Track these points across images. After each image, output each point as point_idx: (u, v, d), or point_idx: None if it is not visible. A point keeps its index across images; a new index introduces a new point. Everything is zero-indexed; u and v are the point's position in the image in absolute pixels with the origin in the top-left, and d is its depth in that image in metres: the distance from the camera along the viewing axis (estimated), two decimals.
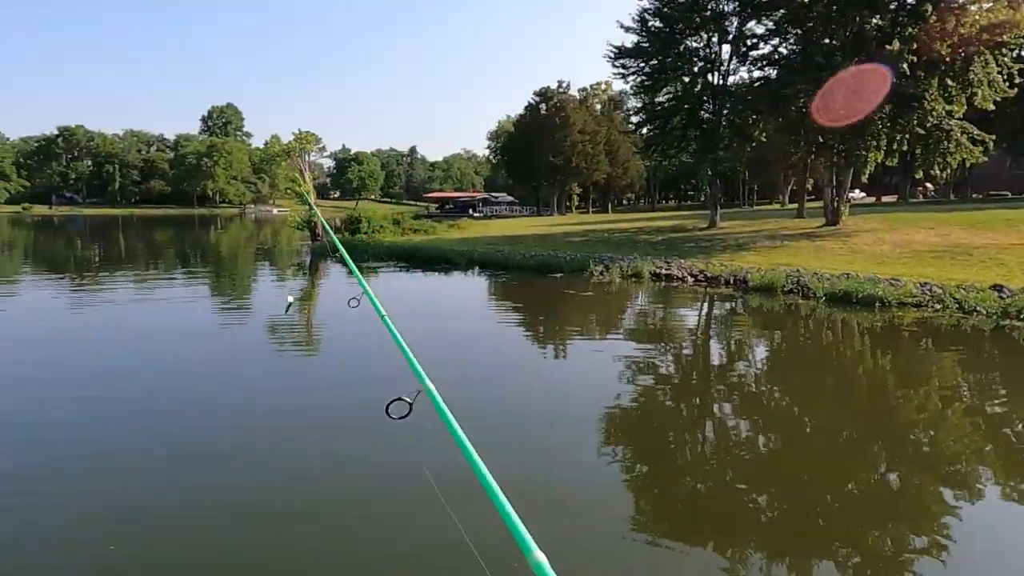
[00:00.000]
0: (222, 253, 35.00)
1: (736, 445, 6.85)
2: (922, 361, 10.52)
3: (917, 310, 13.36)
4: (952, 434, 7.07)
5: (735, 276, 17.61)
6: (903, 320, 12.79)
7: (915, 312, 13.25)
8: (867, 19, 22.71)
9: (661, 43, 28.82)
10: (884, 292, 14.07)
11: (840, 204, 26.03)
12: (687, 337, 12.65)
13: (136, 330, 12.44)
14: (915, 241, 21.00)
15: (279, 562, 4.44)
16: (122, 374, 9.15)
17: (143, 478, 5.71)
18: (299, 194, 33.51)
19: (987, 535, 4.99)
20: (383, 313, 2.43)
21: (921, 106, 22.35)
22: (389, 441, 6.15)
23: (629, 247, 24.90)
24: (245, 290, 19.86)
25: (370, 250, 27.07)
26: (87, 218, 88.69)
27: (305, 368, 9.95)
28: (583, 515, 5.18)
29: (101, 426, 7.09)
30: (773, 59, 28.05)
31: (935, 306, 13.41)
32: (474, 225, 44.56)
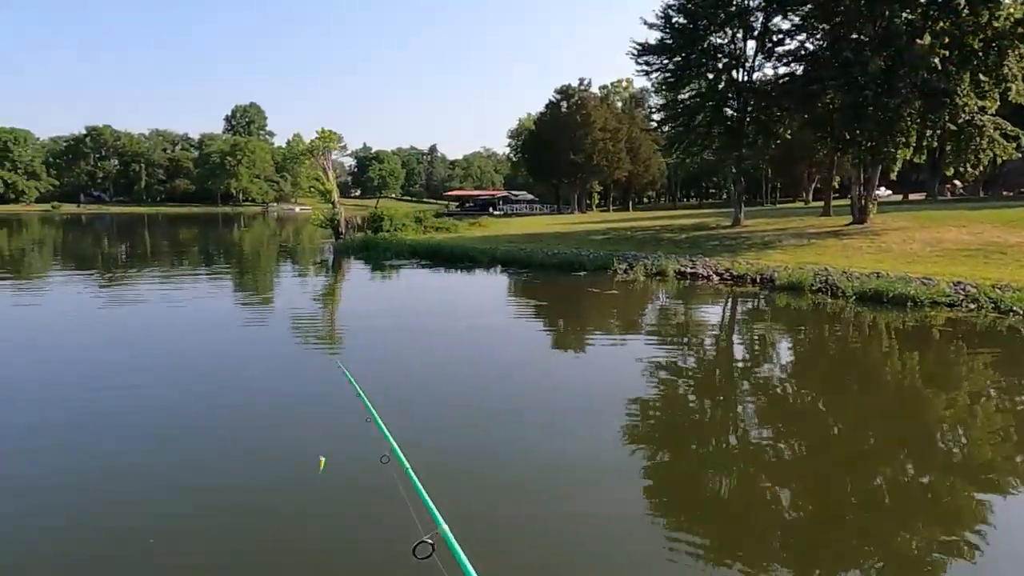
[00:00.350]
0: (246, 251, 35.39)
1: (765, 445, 6.74)
2: (956, 362, 10.30)
3: (950, 310, 13.09)
4: (985, 436, 6.91)
5: (761, 275, 17.40)
6: (936, 320, 12.54)
7: (948, 312, 12.99)
8: (897, 13, 22.25)
9: (685, 39, 28.51)
10: (916, 291, 13.81)
11: (868, 202, 25.61)
12: (715, 336, 12.52)
13: (173, 328, 12.61)
14: (946, 240, 20.58)
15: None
16: (173, 372, 9.28)
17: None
18: (323, 192, 33.79)
19: (1020, 539, 4.86)
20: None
21: (952, 102, 21.89)
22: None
23: (652, 245, 24.72)
24: (270, 287, 20.04)
25: (393, 248, 27.20)
26: (114, 216, 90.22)
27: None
28: (602, 512, 5.15)
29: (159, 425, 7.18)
30: (799, 55, 27.67)
31: (969, 306, 13.13)
32: (495, 223, 44.57)
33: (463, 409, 7.54)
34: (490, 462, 6.09)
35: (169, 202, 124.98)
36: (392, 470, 2.56)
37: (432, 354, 10.37)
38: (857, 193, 26.37)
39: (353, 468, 5.31)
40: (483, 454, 6.28)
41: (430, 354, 10.36)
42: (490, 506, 5.12)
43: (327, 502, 5.10)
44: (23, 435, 6.71)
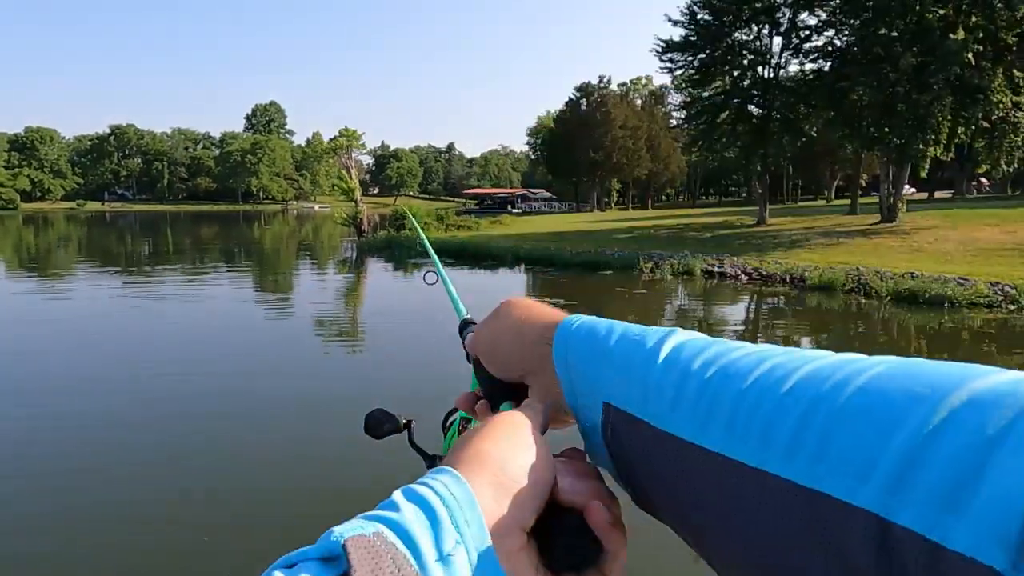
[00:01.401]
0: (267, 249, 35.67)
1: None
2: (993, 364, 10.07)
3: (989, 311, 12.84)
4: None
5: (791, 274, 17.18)
6: (975, 321, 12.30)
7: (987, 313, 12.74)
8: (929, 8, 21.84)
9: (710, 36, 28.29)
10: (953, 292, 13.56)
11: (897, 200, 25.21)
12: (749, 337, 12.39)
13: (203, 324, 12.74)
14: (980, 239, 20.21)
15: None
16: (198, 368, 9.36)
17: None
18: (345, 191, 33.97)
19: None
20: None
21: (986, 98, 21.47)
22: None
23: (677, 244, 24.54)
24: (291, 286, 20.19)
25: (416, 246, 27.22)
26: (137, 214, 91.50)
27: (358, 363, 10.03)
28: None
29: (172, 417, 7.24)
30: (827, 51, 27.30)
31: (1009, 307, 12.87)
32: (515, 221, 44.52)
33: None
34: None
35: (191, 200, 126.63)
36: None
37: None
38: (886, 191, 25.98)
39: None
40: None
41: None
42: None
43: None
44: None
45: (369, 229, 33.59)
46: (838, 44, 26.70)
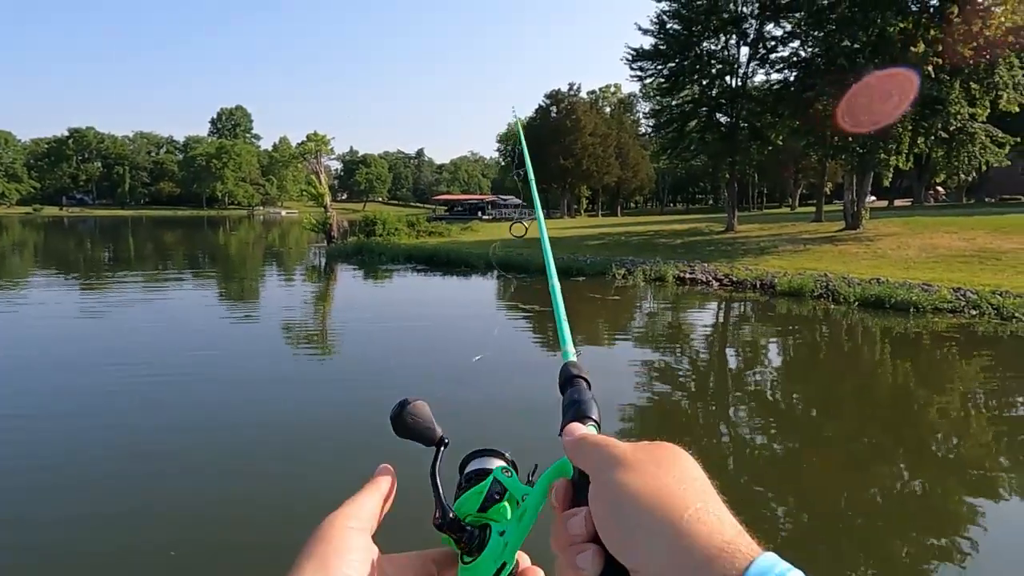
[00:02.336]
0: (236, 256, 34.96)
1: (772, 449, 6.72)
2: (959, 368, 10.32)
3: (953, 316, 13.17)
4: (982, 442, 6.96)
5: (761, 280, 17.43)
6: (939, 326, 12.60)
7: (951, 318, 13.07)
8: (890, 21, 22.47)
9: (679, 45, 28.69)
10: (918, 297, 13.88)
11: (860, 208, 25.82)
12: (720, 342, 12.49)
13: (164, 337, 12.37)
14: (940, 245, 20.78)
15: None
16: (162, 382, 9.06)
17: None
18: (314, 196, 33.50)
19: (1012, 545, 4.90)
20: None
21: (945, 109, 22.14)
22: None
23: (648, 250, 24.74)
24: (260, 294, 19.79)
25: (388, 252, 26.97)
26: (97, 219, 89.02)
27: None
28: None
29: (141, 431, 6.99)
30: (792, 61, 27.90)
31: (971, 312, 13.22)
32: (487, 227, 44.43)
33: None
34: None
35: (153, 205, 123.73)
36: None
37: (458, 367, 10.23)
38: (850, 199, 26.59)
39: None
40: None
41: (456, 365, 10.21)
42: None
43: None
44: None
45: (338, 235, 33.17)
46: (803, 55, 27.30)
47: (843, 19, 23.93)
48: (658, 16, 28.89)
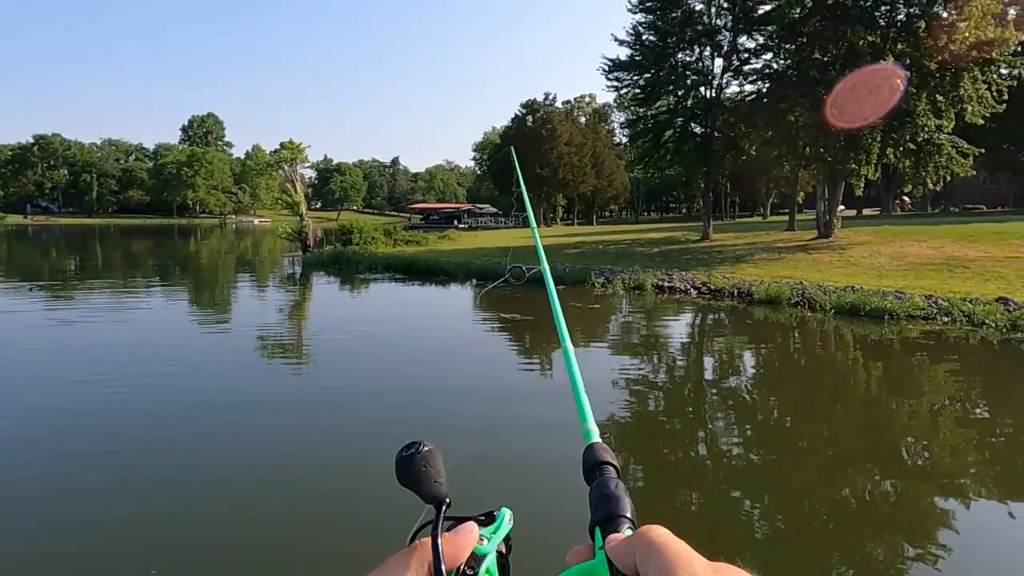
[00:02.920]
0: (205, 265, 34.36)
1: (750, 455, 6.79)
2: (932, 374, 10.50)
3: (926, 323, 13.45)
4: (954, 446, 7.11)
5: (739, 289, 17.63)
6: (912, 333, 12.85)
7: (923, 324, 13.34)
8: (859, 35, 23.02)
9: (655, 56, 29.05)
10: (892, 305, 14.16)
11: (832, 217, 26.32)
12: (702, 350, 12.58)
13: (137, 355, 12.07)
14: (910, 254, 21.23)
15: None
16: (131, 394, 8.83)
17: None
18: (290, 205, 33.14)
19: (982, 547, 5.03)
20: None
21: (913, 121, 22.70)
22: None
23: (626, 259, 24.89)
24: (233, 305, 19.46)
25: (365, 261, 26.74)
26: (63, 228, 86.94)
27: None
28: (573, 528, 5.06)
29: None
30: (765, 73, 28.42)
31: (943, 319, 13.51)
32: (463, 236, 44.40)
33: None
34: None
35: (122, 213, 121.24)
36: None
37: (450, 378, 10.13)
38: (822, 208, 27.08)
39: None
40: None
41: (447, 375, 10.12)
42: None
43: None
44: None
45: (314, 244, 32.82)
46: (775, 67, 27.81)
47: (814, 33, 24.47)
48: (634, 27, 29.26)
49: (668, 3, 28.55)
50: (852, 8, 23.67)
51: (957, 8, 22.43)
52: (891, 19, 23.96)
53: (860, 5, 23.65)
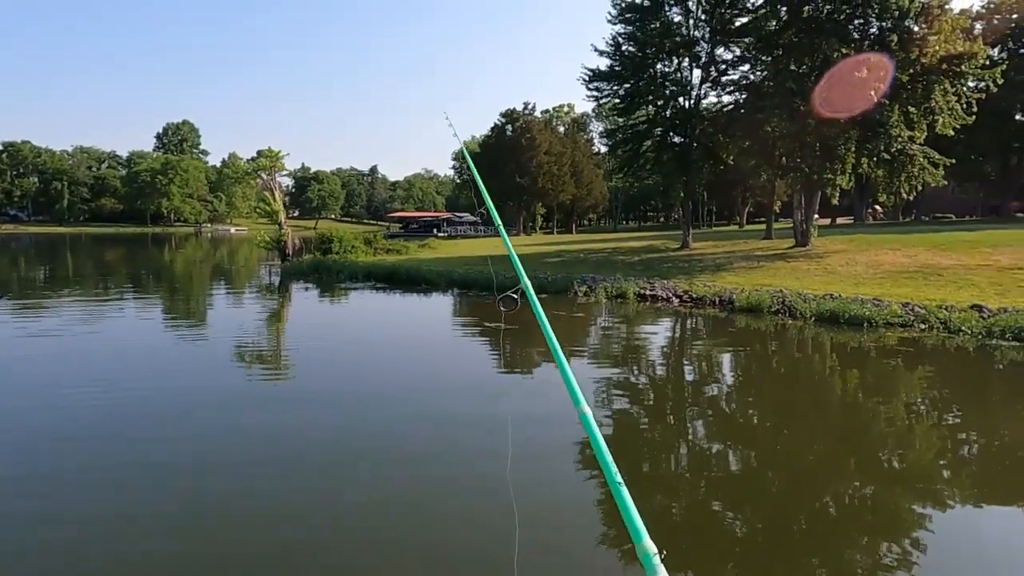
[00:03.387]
0: (180, 274, 33.81)
1: (734, 461, 6.84)
2: (910, 380, 10.64)
3: (903, 330, 13.67)
4: (932, 451, 7.25)
5: (720, 297, 17.78)
6: (891, 340, 13.04)
7: (902, 332, 13.56)
8: (834, 47, 23.49)
9: (634, 67, 29.33)
10: (870, 312, 14.37)
11: (809, 226, 26.74)
12: (685, 357, 12.65)
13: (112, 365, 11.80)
14: (885, 262, 21.62)
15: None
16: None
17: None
18: (268, 213, 32.78)
19: (959, 551, 5.13)
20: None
21: (886, 131, 23.18)
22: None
23: (608, 268, 25.00)
24: (211, 316, 19.15)
25: (346, 270, 26.51)
26: (32, 236, 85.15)
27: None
28: (555, 531, 5.17)
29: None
30: (742, 84, 28.86)
31: (920, 326, 13.75)
32: (444, 245, 44.28)
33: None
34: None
35: (94, 222, 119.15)
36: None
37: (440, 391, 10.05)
38: (799, 217, 27.50)
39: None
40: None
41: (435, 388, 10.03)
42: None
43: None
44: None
45: (293, 253, 32.49)
46: (752, 78, 28.26)
47: (789, 45, 24.93)
48: (614, 38, 29.54)
49: (647, 15, 28.89)
50: (827, 21, 24.17)
51: (928, 22, 23.02)
52: (864, 32, 24.50)
53: (834, 19, 24.15)
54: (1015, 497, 6.06)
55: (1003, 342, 12.37)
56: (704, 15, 28.86)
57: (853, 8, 23.65)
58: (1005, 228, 29.40)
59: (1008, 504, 5.99)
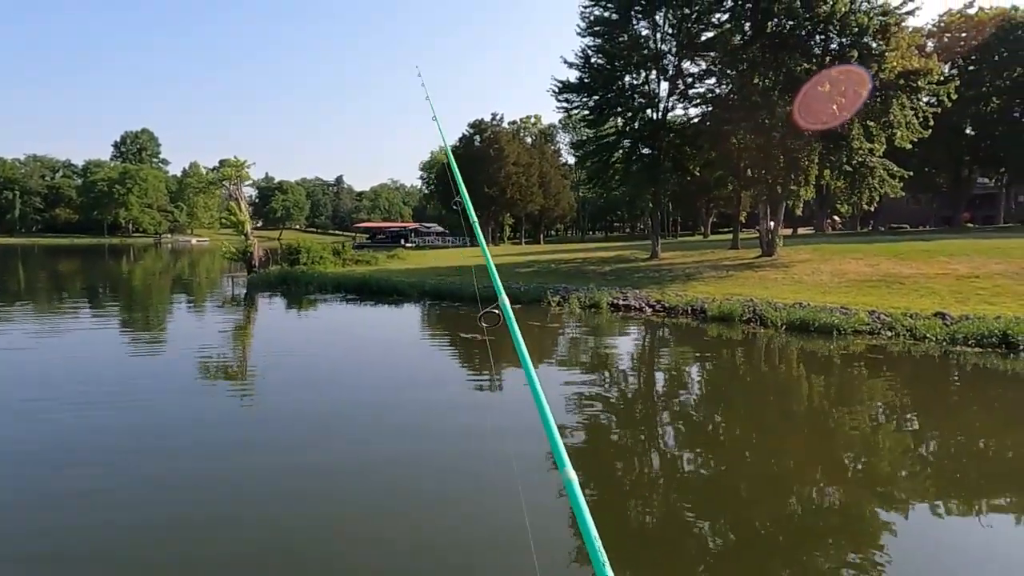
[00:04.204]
0: (140, 287, 32.84)
1: (705, 468, 6.92)
2: (878, 386, 10.81)
3: (872, 337, 13.99)
4: (898, 456, 7.44)
5: (692, 306, 17.97)
6: (859, 347, 13.33)
7: (870, 339, 13.86)
8: (798, 62, 24.13)
9: (603, 79, 29.67)
10: (839, 321, 14.68)
11: (775, 236, 27.30)
12: (659, 366, 12.73)
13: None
14: (849, 271, 22.14)
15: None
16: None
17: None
18: (234, 224, 32.12)
19: (922, 552, 5.26)
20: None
21: (848, 144, 23.87)
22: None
23: (579, 278, 25.11)
24: (175, 330, 18.63)
25: (315, 282, 26.07)
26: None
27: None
28: (523, 542, 5.10)
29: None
30: (708, 97, 29.42)
31: (887, 333, 14.09)
32: (413, 255, 44.02)
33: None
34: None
35: (48, 232, 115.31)
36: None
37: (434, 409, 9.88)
38: (765, 227, 28.06)
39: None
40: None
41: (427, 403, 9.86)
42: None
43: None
44: None
45: (259, 264, 31.86)
46: (718, 92, 28.83)
47: (754, 59, 25.51)
48: (583, 51, 29.85)
49: (615, 28, 29.28)
50: (789, 36, 24.80)
51: (885, 39, 23.82)
52: (825, 48, 25.22)
53: (797, 34, 24.80)
54: (977, 500, 6.22)
55: (967, 348, 12.74)
56: (671, 29, 29.37)
57: (815, 24, 24.31)
58: (959, 238, 30.42)
59: (970, 507, 6.12)
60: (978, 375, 11.38)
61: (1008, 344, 12.54)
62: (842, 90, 22.68)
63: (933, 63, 24.18)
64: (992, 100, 46.03)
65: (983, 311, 14.80)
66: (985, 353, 12.40)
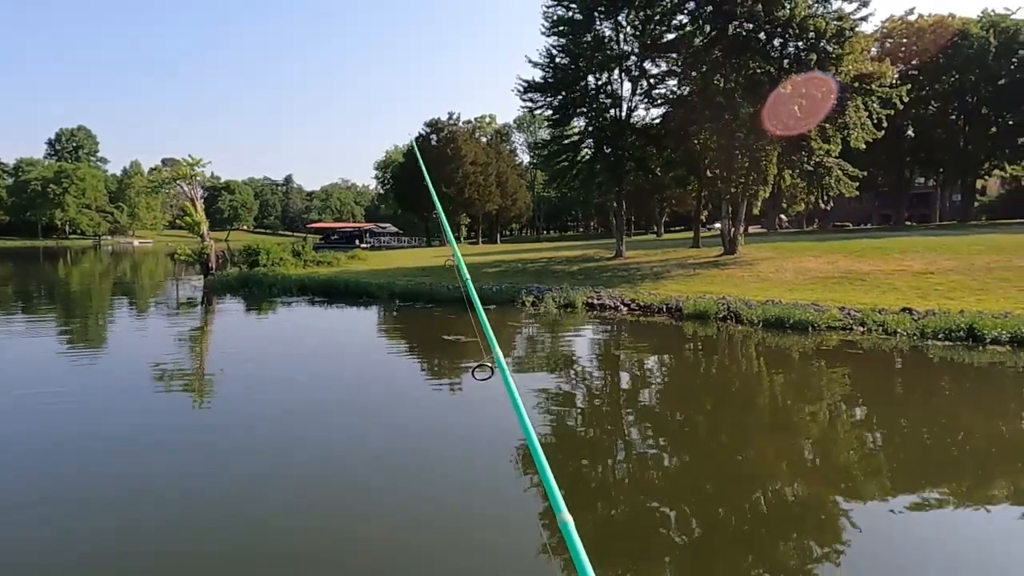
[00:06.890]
0: (79, 292, 31.22)
1: (677, 464, 7.01)
2: (853, 380, 11.09)
3: (845, 332, 14.40)
4: (869, 449, 7.66)
5: (667, 305, 18.17)
6: (833, 342, 13.70)
7: (843, 335, 14.27)
8: (760, 64, 24.70)
9: (567, 79, 29.78)
10: (813, 317, 15.06)
11: (737, 234, 27.90)
12: (640, 364, 12.79)
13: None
14: (811, 268, 22.78)
15: None
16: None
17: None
18: (190, 225, 30.94)
19: (884, 543, 5.35)
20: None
21: (808, 145, 24.58)
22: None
23: (549, 277, 25.12)
24: (116, 339, 17.78)
25: (278, 284, 25.29)
26: None
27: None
28: (492, 542, 5.21)
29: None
30: (671, 98, 29.86)
31: (859, 328, 14.53)
32: (373, 256, 43.33)
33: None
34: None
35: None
36: None
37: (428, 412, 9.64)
38: (727, 226, 28.65)
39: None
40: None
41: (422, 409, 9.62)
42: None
43: None
44: None
45: (216, 266, 30.78)
46: (681, 92, 29.28)
47: (715, 61, 26.00)
48: (547, 50, 29.90)
49: (579, 28, 29.40)
50: (749, 40, 25.37)
51: (840, 44, 24.60)
52: (783, 51, 25.89)
53: (757, 37, 25.39)
54: (944, 491, 6.39)
55: (936, 342, 13.23)
56: (633, 30, 29.67)
57: (774, 28, 24.92)
58: (905, 235, 31.72)
59: (937, 497, 6.26)
60: (947, 367, 11.79)
61: (975, 337, 13.08)
62: (808, 96, 23.30)
63: (886, 67, 25.11)
64: (932, 104, 48.28)
65: (945, 306, 15.40)
66: (954, 346, 12.90)
